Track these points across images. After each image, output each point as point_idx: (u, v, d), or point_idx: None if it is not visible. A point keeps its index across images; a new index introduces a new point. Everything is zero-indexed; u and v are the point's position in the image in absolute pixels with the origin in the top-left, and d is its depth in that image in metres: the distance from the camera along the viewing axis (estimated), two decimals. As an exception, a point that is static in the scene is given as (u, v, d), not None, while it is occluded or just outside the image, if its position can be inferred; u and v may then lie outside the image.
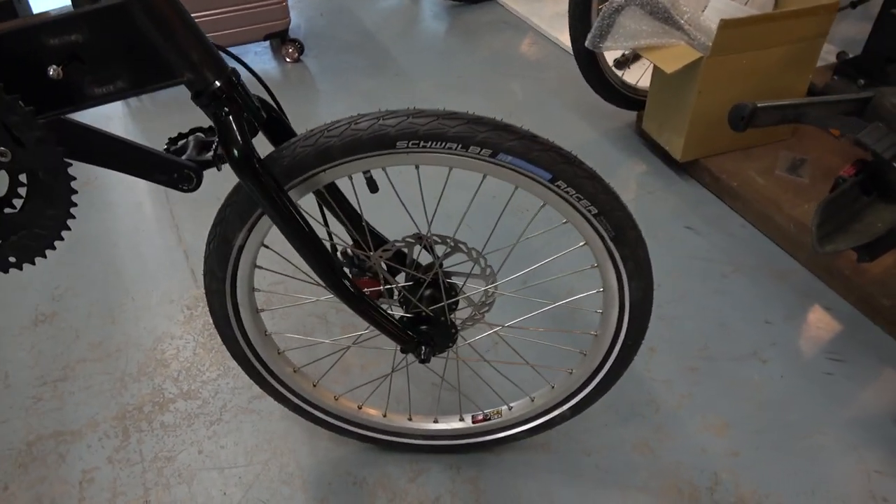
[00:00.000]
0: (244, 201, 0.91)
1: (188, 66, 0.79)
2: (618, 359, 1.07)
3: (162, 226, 1.85)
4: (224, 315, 1.04)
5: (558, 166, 0.86)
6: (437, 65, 2.60)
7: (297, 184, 0.89)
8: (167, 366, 1.46)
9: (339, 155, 0.86)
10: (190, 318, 1.57)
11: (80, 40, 0.75)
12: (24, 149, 0.76)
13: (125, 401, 1.39)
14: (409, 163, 0.88)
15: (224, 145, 0.83)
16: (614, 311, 1.01)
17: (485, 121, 0.84)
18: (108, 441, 1.31)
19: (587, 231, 0.93)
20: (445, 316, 1.02)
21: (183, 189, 0.93)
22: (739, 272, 1.63)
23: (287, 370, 1.15)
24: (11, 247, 0.82)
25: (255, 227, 0.94)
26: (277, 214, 0.86)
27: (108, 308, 1.60)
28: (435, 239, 1.01)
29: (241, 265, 0.99)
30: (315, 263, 0.90)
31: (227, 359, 1.46)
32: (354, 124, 0.85)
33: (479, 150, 0.85)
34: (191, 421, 1.34)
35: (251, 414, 1.35)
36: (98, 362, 1.47)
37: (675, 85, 1.78)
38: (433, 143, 0.84)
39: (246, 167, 0.83)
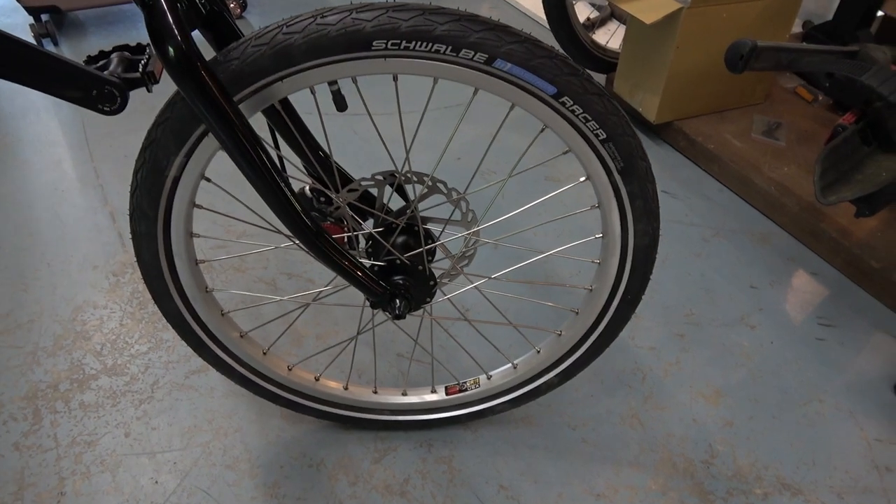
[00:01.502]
0: (181, 118, 0.74)
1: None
2: (615, 316, 0.94)
3: (85, 185, 1.63)
4: (155, 265, 0.86)
5: (564, 78, 0.72)
6: (392, 26, 2.43)
7: (247, 95, 0.73)
8: (88, 338, 1.26)
9: (301, 58, 0.70)
10: (116, 286, 1.37)
11: None
12: None
13: (37, 378, 1.18)
14: (385, 71, 0.72)
15: (155, 41, 0.66)
16: (614, 259, 0.89)
17: (480, 19, 0.70)
18: (14, 424, 1.11)
19: (591, 162, 0.79)
20: (424, 264, 0.87)
21: (104, 110, 0.75)
22: (720, 236, 1.54)
23: (233, 335, 0.97)
24: None
25: (194, 152, 0.77)
26: (224, 132, 0.69)
27: (18, 275, 1.39)
28: (410, 177, 0.86)
29: (175, 202, 0.82)
30: (273, 199, 0.73)
31: (160, 330, 1.28)
32: (321, 18, 0.69)
33: (473, 55, 0.70)
34: (116, 400, 1.15)
35: (188, 391, 1.17)
36: (4, 335, 1.26)
37: (651, 40, 1.67)
38: (417, 43, 0.69)
39: (185, 69, 0.66)
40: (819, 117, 1.83)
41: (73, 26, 2.41)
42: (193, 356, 1.22)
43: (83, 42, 2.29)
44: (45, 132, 1.80)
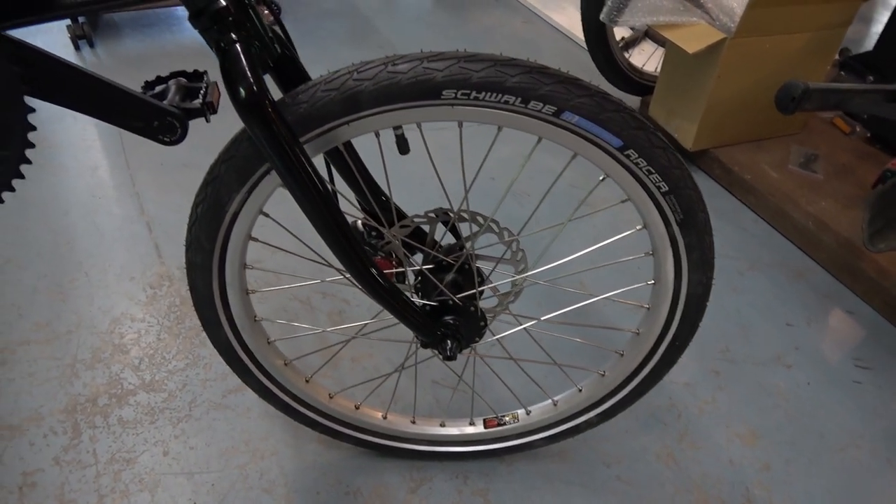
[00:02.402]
0: (246, 156, 0.74)
1: (189, -25, 0.62)
2: (661, 361, 0.94)
3: (121, 193, 1.64)
4: (208, 295, 0.87)
5: (631, 132, 0.72)
6: (425, 38, 2.44)
7: (313, 137, 0.73)
8: (126, 352, 1.27)
9: (371, 103, 0.70)
10: (153, 298, 1.37)
11: (48, -72, 0.57)
12: (-35, 67, 0.57)
13: (76, 391, 1.19)
14: (451, 118, 0.72)
15: (228, 82, 0.66)
16: (665, 307, 0.88)
17: (550, 72, 0.70)
18: (54, 438, 1.12)
19: (650, 212, 0.79)
20: (476, 306, 0.87)
21: (164, 141, 0.76)
22: (755, 270, 1.53)
23: (277, 363, 0.98)
24: (-55, 197, 0.64)
25: (255, 189, 0.78)
26: (289, 172, 0.69)
27: (56, 284, 1.40)
28: (463, 216, 0.86)
29: (232, 235, 0.82)
30: (331, 237, 0.74)
31: (197, 346, 1.28)
32: (392, 66, 0.69)
33: (541, 107, 0.70)
34: (154, 417, 1.16)
35: (225, 410, 1.18)
36: (44, 345, 1.27)
37: (691, 68, 1.67)
38: (487, 94, 0.69)
39: (255, 110, 0.66)
40: (857, 150, 1.81)
41: (109, 28, 2.43)
42: (230, 375, 1.23)
43: (119, 45, 2.31)
44: (81, 137, 1.82)
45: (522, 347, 1.19)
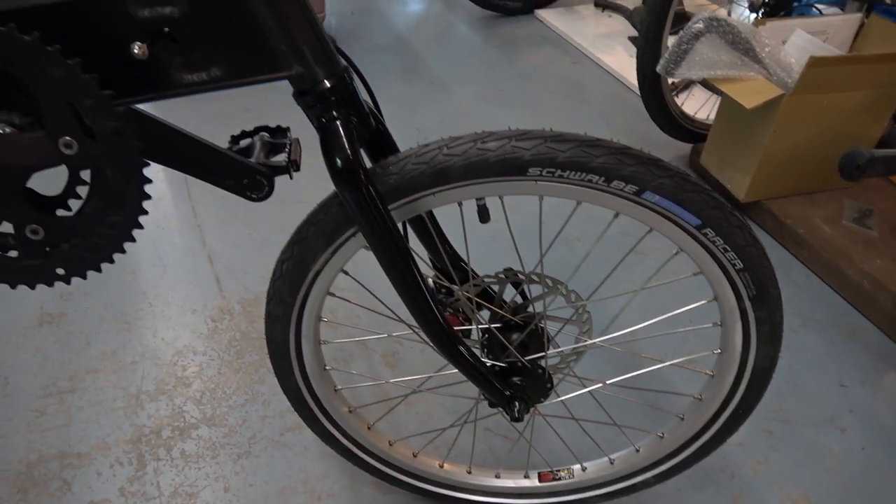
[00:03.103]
0: (334, 220, 0.78)
1: (299, 59, 0.66)
2: (723, 427, 0.95)
3: (183, 224, 1.70)
4: (284, 345, 0.90)
5: (709, 211, 0.74)
6: (475, 75, 2.48)
7: (400, 206, 0.76)
8: (188, 385, 1.31)
9: (458, 177, 0.73)
10: (214, 332, 1.42)
11: (176, 14, 0.62)
12: (94, 141, 0.62)
13: (141, 422, 1.24)
14: (534, 192, 0.75)
15: (327, 153, 0.70)
16: (730, 376, 0.89)
17: (633, 153, 0.72)
18: (120, 469, 1.16)
19: (723, 287, 0.80)
20: (544, 368, 0.89)
21: (251, 197, 0.79)
22: (808, 327, 1.53)
23: (342, 410, 1.01)
24: (61, 256, 0.68)
25: (339, 250, 0.81)
26: (377, 238, 0.73)
27: (122, 313, 1.45)
28: (533, 278, 0.88)
29: (313, 291, 0.85)
30: (410, 297, 0.77)
31: (256, 382, 1.32)
32: (481, 143, 0.72)
33: (624, 186, 0.72)
34: (215, 452, 1.19)
35: (283, 448, 1.21)
36: (110, 374, 1.32)
37: (747, 121, 1.67)
38: (572, 173, 0.71)
39: (350, 181, 0.70)
40: (912, 206, 1.80)
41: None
42: (288, 413, 1.26)
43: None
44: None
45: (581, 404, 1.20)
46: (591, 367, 1.33)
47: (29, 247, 0.67)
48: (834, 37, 1.81)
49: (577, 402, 1.07)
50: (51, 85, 0.58)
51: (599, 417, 1.10)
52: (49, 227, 0.66)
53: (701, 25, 1.58)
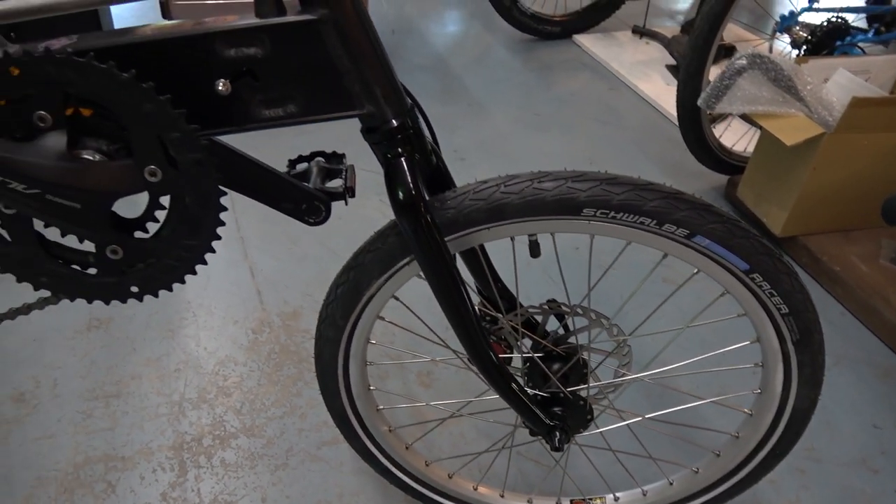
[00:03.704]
0: (391, 249, 0.81)
1: (371, 99, 0.70)
2: (759, 466, 0.96)
3: (227, 236, 1.74)
4: (332, 365, 0.94)
5: (758, 257, 0.76)
6: (513, 98, 2.51)
7: (455, 238, 0.79)
8: (229, 395, 1.34)
9: (514, 214, 0.76)
10: (255, 344, 1.46)
11: (259, 54, 0.66)
12: (177, 170, 0.65)
13: (183, 429, 1.27)
14: (586, 231, 0.77)
15: (390, 186, 0.73)
16: (769, 416, 0.90)
17: (686, 197, 0.74)
18: (162, 474, 1.20)
19: (766, 329, 0.82)
20: (586, 400, 0.91)
21: (309, 221, 0.83)
22: (841, 365, 1.52)
23: (383, 429, 1.03)
24: (136, 275, 0.72)
25: (392, 277, 0.84)
26: (433, 268, 0.76)
27: (166, 321, 1.50)
28: (578, 311, 0.90)
29: (364, 315, 0.89)
30: (461, 325, 0.80)
31: (294, 396, 1.35)
32: (538, 182, 0.75)
33: (675, 229, 0.74)
34: (254, 462, 1.23)
35: (319, 462, 1.23)
36: (155, 381, 1.36)
37: (786, 157, 1.68)
38: (625, 215, 0.74)
39: (411, 213, 0.73)
40: (951, 247, 1.78)
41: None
42: (324, 427, 1.29)
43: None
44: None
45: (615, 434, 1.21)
46: (625, 399, 1.34)
47: (107, 265, 0.71)
48: (876, 76, 1.81)
49: (612, 432, 1.09)
50: (143, 118, 0.62)
51: (633, 448, 1.12)
52: (128, 248, 0.70)
53: (744, 62, 1.60)
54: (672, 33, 2.87)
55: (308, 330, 1.50)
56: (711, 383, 1.41)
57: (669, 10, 3.35)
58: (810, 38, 1.89)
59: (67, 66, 0.59)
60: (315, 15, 0.64)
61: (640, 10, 3.09)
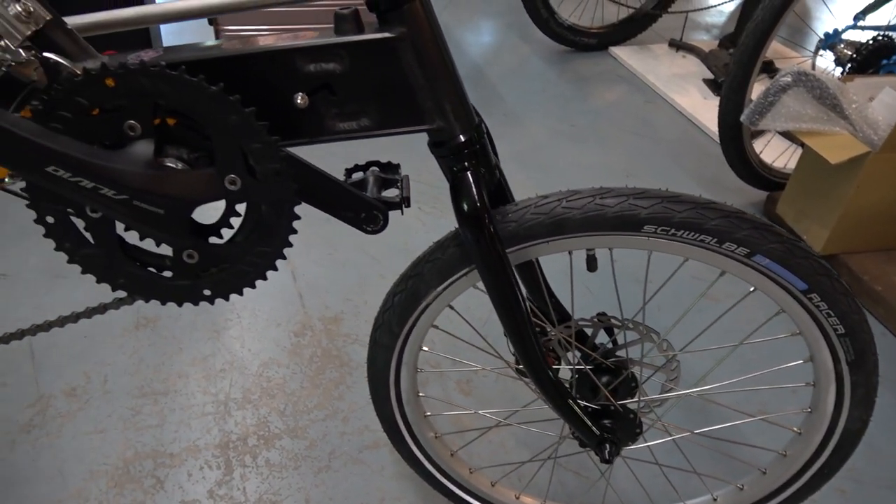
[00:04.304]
0: (450, 259, 0.83)
1: (441, 115, 0.72)
2: (805, 485, 0.96)
3: (269, 240, 1.77)
4: (384, 371, 0.96)
5: (817, 278, 0.76)
6: (549, 109, 2.53)
7: (515, 251, 0.80)
8: (273, 396, 1.37)
9: (574, 229, 0.77)
10: (297, 347, 1.48)
11: (338, 70, 0.68)
12: (255, 180, 0.68)
13: (228, 429, 1.30)
14: (645, 248, 0.79)
15: (455, 198, 0.75)
16: (818, 435, 0.90)
17: (747, 217, 0.75)
18: (209, 472, 1.23)
19: (821, 349, 0.82)
20: (636, 413, 0.92)
21: (367, 230, 0.85)
22: (883, 386, 1.50)
23: (429, 435, 1.05)
24: (209, 279, 0.75)
25: (450, 287, 0.86)
26: (493, 277, 0.78)
27: (212, 322, 1.53)
28: (629, 325, 0.91)
29: (419, 323, 0.90)
30: (517, 336, 0.81)
31: (336, 399, 1.37)
32: (600, 198, 0.76)
33: (735, 248, 0.75)
34: (297, 463, 1.25)
35: (361, 465, 1.25)
36: (201, 380, 1.39)
37: (829, 175, 1.67)
38: (686, 232, 0.75)
39: (475, 226, 0.75)
40: None
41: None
42: (366, 431, 1.31)
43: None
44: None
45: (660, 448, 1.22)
46: (670, 414, 1.35)
47: (183, 269, 0.73)
48: (922, 95, 1.80)
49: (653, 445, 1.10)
50: (228, 129, 0.65)
51: (677, 463, 1.12)
52: (203, 253, 0.73)
53: (789, 79, 1.60)
54: (709, 47, 2.87)
55: (349, 335, 1.52)
56: (751, 400, 1.40)
57: (705, 24, 3.34)
58: (855, 56, 1.88)
59: (160, 78, 0.62)
60: (393, 33, 0.67)
61: (676, 24, 3.09)
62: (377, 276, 1.70)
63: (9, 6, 0.61)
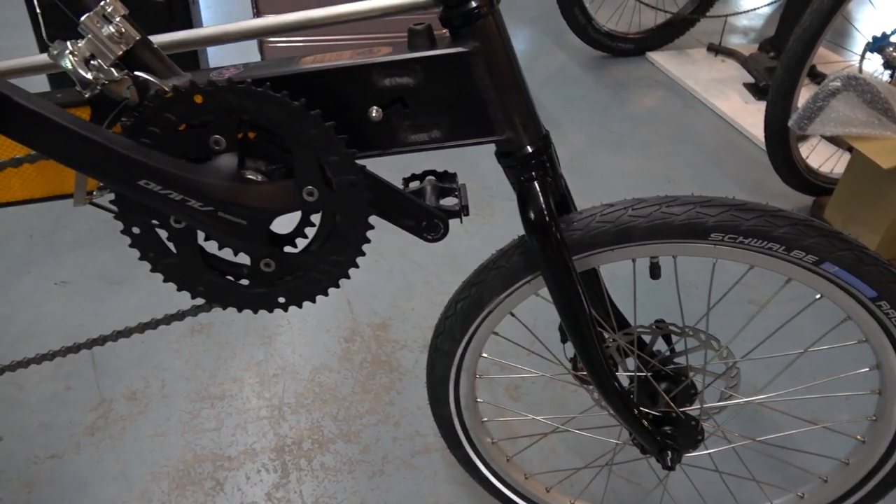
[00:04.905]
0: (515, 267, 0.84)
1: (511, 127, 0.73)
2: (868, 495, 0.95)
3: (316, 247, 1.81)
4: (444, 377, 0.97)
5: (887, 285, 0.76)
6: (587, 115, 2.53)
7: (580, 258, 0.82)
8: (325, 401, 1.40)
9: (640, 237, 0.78)
10: (347, 353, 1.51)
11: (411, 84, 0.70)
12: (331, 191, 0.70)
13: (283, 433, 1.33)
14: (709, 255, 0.79)
15: (523, 207, 0.77)
16: (883, 444, 0.90)
17: (815, 224, 0.75)
18: (266, 475, 1.25)
19: (888, 357, 0.82)
20: (697, 421, 0.92)
21: (427, 238, 0.86)
22: (939, 394, 1.48)
23: (486, 440, 1.06)
24: (284, 287, 0.77)
25: (512, 294, 0.87)
26: (560, 286, 0.79)
27: (263, 328, 1.56)
28: (689, 332, 0.92)
29: (481, 330, 0.92)
30: (583, 344, 0.82)
31: (387, 405, 1.39)
32: (666, 207, 0.77)
33: (803, 255, 0.75)
34: (352, 467, 1.27)
35: (413, 470, 1.27)
36: (255, 385, 1.43)
37: (880, 180, 1.65)
38: (753, 240, 0.75)
39: (543, 234, 0.76)
40: None
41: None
42: (418, 436, 1.33)
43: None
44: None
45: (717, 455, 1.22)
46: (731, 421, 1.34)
47: (260, 277, 0.76)
48: (976, 97, 1.76)
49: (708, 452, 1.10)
50: (308, 143, 0.67)
51: (734, 470, 1.12)
52: (279, 262, 0.75)
53: (838, 83, 1.58)
54: (748, 51, 2.84)
55: (397, 340, 1.54)
56: (805, 407, 1.39)
57: (742, 27, 3.31)
58: (904, 59, 1.85)
59: (247, 95, 0.64)
60: (467, 48, 0.68)
61: (712, 28, 3.07)
62: (422, 282, 1.71)
63: (103, 27, 0.65)
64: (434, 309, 1.62)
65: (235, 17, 3.14)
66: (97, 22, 0.64)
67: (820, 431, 1.31)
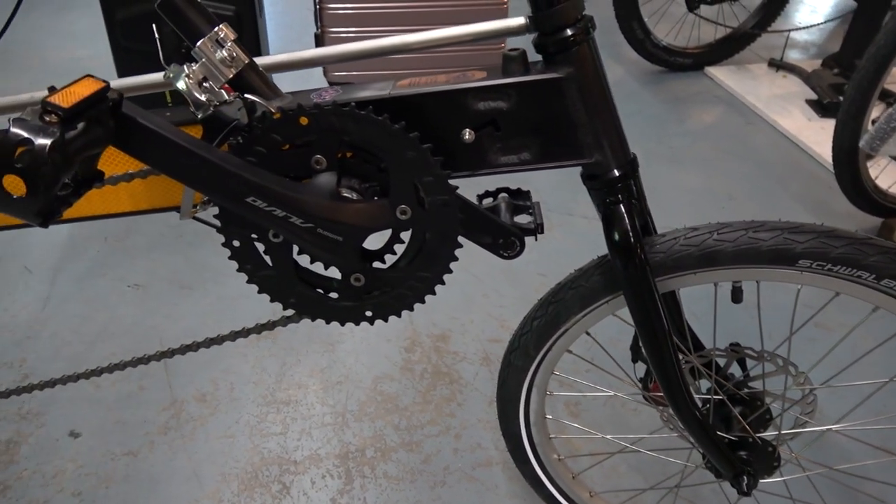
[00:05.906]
0: (594, 287, 0.85)
1: (599, 149, 0.74)
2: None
3: (376, 257, 1.84)
4: (516, 393, 0.98)
5: (981, 317, 0.75)
6: (645, 130, 2.52)
7: (661, 280, 0.82)
8: (387, 410, 1.42)
9: (726, 261, 0.78)
10: (408, 363, 1.53)
11: (504, 108, 0.72)
12: (423, 209, 0.72)
13: (347, 440, 1.36)
14: (795, 281, 0.79)
15: (608, 229, 0.78)
16: (970, 478, 0.87)
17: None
18: (331, 481, 1.28)
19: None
20: (774, 447, 0.91)
21: (503, 255, 0.87)
22: None
23: (553, 457, 1.07)
24: (371, 301, 0.79)
25: (590, 314, 0.88)
26: (642, 307, 0.79)
27: (327, 335, 1.60)
28: (766, 357, 0.91)
29: (555, 347, 0.93)
30: (662, 365, 0.82)
31: (447, 416, 1.41)
32: (753, 232, 0.77)
33: (894, 285, 0.74)
34: (413, 477, 1.29)
35: (474, 482, 1.28)
36: (319, 392, 1.46)
37: (955, 202, 1.61)
38: (842, 268, 0.75)
39: (627, 255, 0.77)
40: None
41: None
42: (478, 448, 1.34)
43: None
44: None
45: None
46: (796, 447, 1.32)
47: (350, 291, 0.79)
48: None
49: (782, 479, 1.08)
50: (405, 164, 0.69)
51: (806, 497, 1.10)
52: (369, 277, 0.77)
53: (914, 104, 1.54)
54: (809, 66, 2.79)
55: (457, 352, 1.56)
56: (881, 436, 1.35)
57: (803, 42, 3.25)
58: (981, 79, 1.80)
59: (350, 117, 0.67)
60: (560, 73, 0.70)
61: (771, 43, 3.03)
62: (481, 295, 1.73)
63: (216, 52, 0.68)
64: (492, 322, 1.64)
65: (296, 29, 3.22)
66: (211, 47, 0.68)
67: (883, 461, 1.28)
